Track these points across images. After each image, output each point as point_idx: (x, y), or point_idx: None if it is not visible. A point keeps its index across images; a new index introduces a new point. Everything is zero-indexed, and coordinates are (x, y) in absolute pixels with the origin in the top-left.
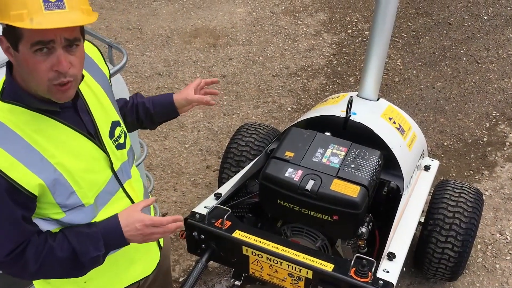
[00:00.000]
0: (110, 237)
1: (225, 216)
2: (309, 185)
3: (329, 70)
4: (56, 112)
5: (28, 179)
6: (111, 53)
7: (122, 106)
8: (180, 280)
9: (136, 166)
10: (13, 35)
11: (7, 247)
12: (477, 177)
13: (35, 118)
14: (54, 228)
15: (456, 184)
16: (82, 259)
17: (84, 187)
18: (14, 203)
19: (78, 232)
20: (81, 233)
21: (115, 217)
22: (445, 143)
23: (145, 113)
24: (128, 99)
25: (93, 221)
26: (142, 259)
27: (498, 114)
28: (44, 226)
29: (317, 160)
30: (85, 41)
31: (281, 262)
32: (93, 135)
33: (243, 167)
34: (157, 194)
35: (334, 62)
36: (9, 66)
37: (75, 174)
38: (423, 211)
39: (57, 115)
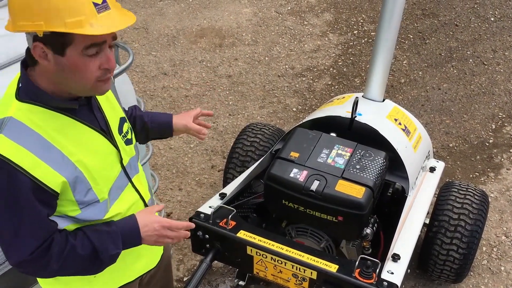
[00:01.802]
0: (128, 236)
1: (230, 216)
2: (314, 185)
3: (334, 71)
4: (72, 110)
5: (51, 177)
6: (117, 53)
7: None
8: (184, 280)
9: (142, 165)
10: (61, 41)
11: (32, 246)
12: (482, 179)
13: (53, 117)
14: (67, 225)
15: (461, 185)
16: (102, 257)
17: (101, 183)
18: (38, 201)
19: (98, 231)
20: (101, 232)
21: (133, 217)
22: (450, 145)
23: (142, 127)
24: (126, 109)
25: (106, 216)
26: (147, 253)
27: (504, 116)
28: (59, 223)
29: (322, 161)
30: None
31: (285, 263)
32: (105, 131)
33: (248, 167)
34: (162, 194)
35: (340, 63)
36: (25, 66)
37: (93, 171)
38: (428, 213)
39: (73, 113)
